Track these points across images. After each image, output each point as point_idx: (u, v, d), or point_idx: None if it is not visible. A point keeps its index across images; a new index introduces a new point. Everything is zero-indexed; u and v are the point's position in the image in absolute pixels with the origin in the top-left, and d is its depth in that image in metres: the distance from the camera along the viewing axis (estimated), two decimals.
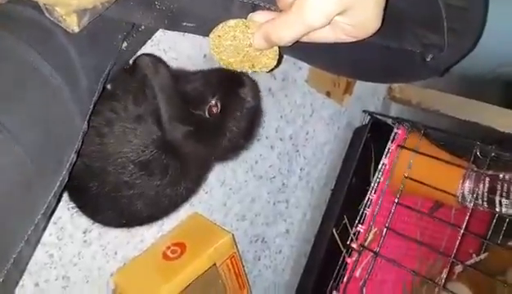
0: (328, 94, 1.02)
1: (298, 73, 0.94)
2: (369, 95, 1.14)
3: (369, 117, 1.11)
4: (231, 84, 0.60)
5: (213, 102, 0.59)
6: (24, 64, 0.45)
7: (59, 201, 0.52)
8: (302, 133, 1.00)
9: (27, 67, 0.45)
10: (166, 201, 0.65)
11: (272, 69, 0.56)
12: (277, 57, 0.54)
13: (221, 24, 0.52)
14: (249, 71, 0.57)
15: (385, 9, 0.48)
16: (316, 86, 0.99)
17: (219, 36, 0.53)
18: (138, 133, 0.58)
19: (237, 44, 0.53)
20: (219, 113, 0.60)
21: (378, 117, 1.11)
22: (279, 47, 0.53)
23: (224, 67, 0.57)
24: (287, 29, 0.47)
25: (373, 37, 0.50)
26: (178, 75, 0.63)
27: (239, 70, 0.57)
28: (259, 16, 0.51)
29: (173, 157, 0.61)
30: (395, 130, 1.07)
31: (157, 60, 0.61)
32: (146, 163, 0.59)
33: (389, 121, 1.11)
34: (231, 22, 0.52)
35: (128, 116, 0.59)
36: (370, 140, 1.09)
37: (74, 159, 0.50)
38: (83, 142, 0.52)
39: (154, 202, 0.64)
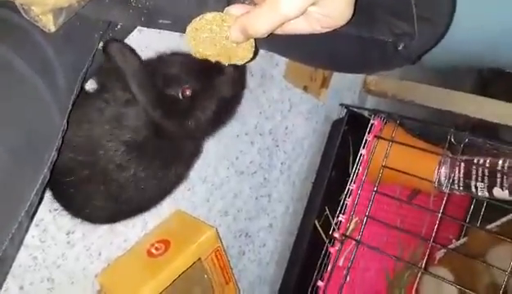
0: (305, 88, 1.04)
1: (275, 70, 0.96)
2: (345, 89, 1.16)
3: (346, 110, 1.13)
4: (210, 70, 0.61)
5: (187, 85, 0.61)
6: (4, 65, 0.45)
7: (41, 200, 0.53)
8: (281, 128, 1.02)
9: (3, 66, 0.45)
10: (158, 186, 0.67)
11: (249, 61, 0.58)
12: (253, 50, 0.55)
13: (198, 17, 0.53)
14: (226, 63, 0.58)
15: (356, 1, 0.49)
16: (293, 81, 1.00)
17: (196, 28, 0.54)
18: (130, 116, 0.60)
19: (214, 37, 0.54)
20: (191, 97, 0.61)
21: (354, 110, 1.13)
22: (255, 40, 0.54)
23: (201, 57, 0.57)
24: (262, 21, 0.48)
25: (345, 27, 0.51)
26: (159, 57, 0.65)
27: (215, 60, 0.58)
28: (235, 9, 0.52)
29: (163, 138, 0.63)
30: (371, 121, 1.09)
31: (124, 46, 0.61)
32: (138, 144, 0.61)
33: (366, 113, 1.14)
34: (208, 15, 0.52)
35: (118, 101, 0.61)
36: (347, 133, 1.11)
37: (55, 157, 0.50)
38: (63, 140, 0.52)
39: (145, 187, 0.65)
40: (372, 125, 1.09)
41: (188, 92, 0.62)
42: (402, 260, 1.16)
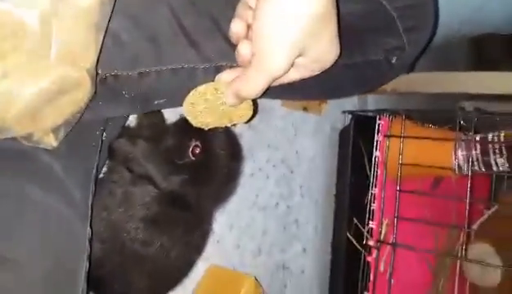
0: (305, 109, 1.04)
1: (272, 101, 0.96)
2: None
3: (350, 116, 1.12)
4: None
5: (192, 144, 0.63)
6: (17, 196, 0.46)
7: None
8: (291, 154, 1.02)
9: (20, 199, 0.46)
10: (188, 249, 0.69)
11: (251, 118, 0.58)
12: (252, 107, 0.55)
13: (191, 92, 0.53)
14: (229, 125, 0.58)
15: (339, 31, 0.49)
16: (291, 106, 1.00)
17: (192, 103, 0.54)
18: (138, 194, 0.62)
19: (211, 105, 0.54)
20: (202, 151, 0.63)
21: (358, 113, 1.13)
22: None
23: (205, 127, 0.58)
24: (253, 84, 0.48)
25: (338, 59, 0.51)
26: (152, 136, 0.66)
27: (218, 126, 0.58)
28: (226, 76, 0.52)
29: (179, 207, 0.64)
30: (378, 121, 1.08)
31: (131, 137, 0.63)
32: (155, 219, 0.63)
33: (370, 114, 1.13)
34: (200, 88, 0.53)
35: (125, 182, 0.63)
36: (357, 138, 1.10)
37: (88, 266, 0.51)
38: (91, 246, 0.52)
39: (178, 254, 0.66)
40: (379, 125, 1.08)
41: (198, 150, 0.63)
42: (441, 251, 1.15)
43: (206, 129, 0.57)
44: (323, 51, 0.48)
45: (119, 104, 0.53)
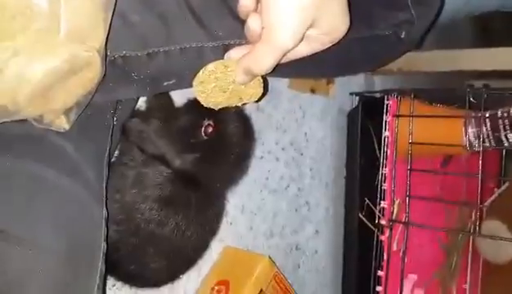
0: (313, 91, 1.04)
1: (279, 83, 0.96)
2: (351, 78, 1.16)
3: (357, 98, 1.12)
4: None
5: (206, 123, 0.63)
6: (26, 176, 0.46)
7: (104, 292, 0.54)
8: (300, 136, 1.02)
9: (29, 178, 0.46)
10: (202, 229, 0.69)
11: (262, 97, 0.58)
12: (262, 85, 0.55)
13: (201, 71, 0.53)
14: (240, 104, 0.58)
15: (349, 4, 0.49)
16: (299, 88, 1.00)
17: (202, 82, 0.54)
18: (151, 175, 0.63)
19: (221, 84, 0.54)
20: (215, 130, 0.64)
21: (366, 95, 1.13)
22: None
23: (214, 107, 0.58)
24: (263, 59, 0.48)
25: (346, 34, 0.51)
26: (166, 116, 0.67)
27: (228, 106, 0.58)
28: (235, 53, 0.52)
29: (192, 186, 0.64)
30: (386, 102, 1.08)
31: (143, 117, 0.64)
32: (168, 198, 0.63)
33: (378, 95, 1.13)
34: (210, 66, 0.53)
35: (137, 163, 0.63)
36: (365, 119, 1.10)
37: (105, 247, 0.51)
38: (107, 226, 0.53)
39: (192, 234, 0.67)
40: (388, 105, 1.08)
41: (210, 129, 0.64)
42: (453, 228, 1.15)
43: (216, 109, 0.58)
44: (334, 22, 0.48)
45: (128, 85, 0.53)
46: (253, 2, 0.49)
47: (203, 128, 0.63)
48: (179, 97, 0.72)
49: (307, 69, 0.67)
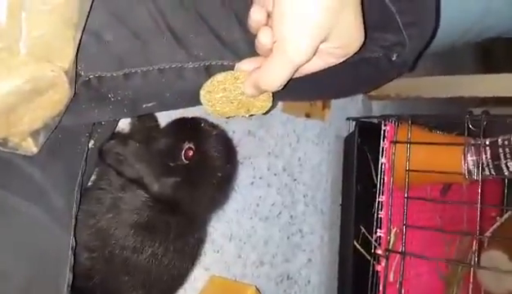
0: (307, 115, 1.01)
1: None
2: (348, 102, 1.13)
3: (354, 123, 1.09)
4: (191, 125, 0.63)
5: (185, 146, 0.61)
6: None
7: None
8: (294, 161, 0.99)
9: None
10: (181, 256, 0.66)
11: (269, 110, 0.56)
12: (271, 98, 0.53)
13: (209, 80, 0.51)
14: (246, 115, 0.56)
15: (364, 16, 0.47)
16: (293, 112, 0.98)
17: (210, 91, 0.52)
18: (128, 199, 0.61)
19: (229, 95, 0.52)
20: (195, 154, 0.62)
21: (363, 120, 1.10)
22: None
23: (220, 117, 0.56)
24: (275, 74, 0.46)
25: None
26: (145, 139, 0.65)
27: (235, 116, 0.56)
28: (246, 65, 0.50)
29: (171, 212, 0.62)
30: (383, 127, 1.05)
31: (121, 138, 0.62)
32: (145, 224, 0.61)
33: (375, 120, 1.10)
34: (219, 76, 0.51)
35: (114, 188, 0.61)
36: (362, 145, 1.08)
37: (71, 278, 0.48)
38: (74, 255, 0.50)
39: (171, 262, 0.64)
40: (385, 131, 1.05)
41: (191, 153, 0.62)
42: (452, 259, 1.11)
43: (225, 118, 0.56)
44: (348, 35, 0.46)
45: (104, 107, 0.51)
46: (264, 16, 0.47)
47: (183, 151, 0.61)
48: (163, 117, 0.70)
49: (293, 91, 0.65)
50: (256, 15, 0.47)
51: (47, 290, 0.46)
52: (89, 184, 0.63)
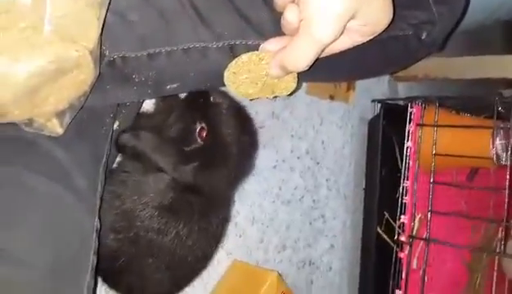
0: (331, 97, 0.99)
1: None
2: (373, 84, 1.10)
3: (379, 105, 1.07)
4: (199, 102, 0.62)
5: (198, 127, 0.61)
6: (14, 184, 0.43)
7: None
8: (317, 144, 0.97)
9: (17, 187, 0.43)
10: (205, 237, 0.66)
11: (294, 91, 0.54)
12: (296, 79, 0.52)
13: (234, 61, 0.49)
14: (271, 97, 0.54)
15: None
16: (317, 94, 0.96)
17: (234, 72, 0.50)
18: (151, 182, 0.61)
19: (253, 76, 0.51)
20: (209, 133, 0.61)
21: (388, 102, 1.08)
22: None
23: (244, 98, 0.55)
24: (301, 54, 0.44)
25: None
26: (157, 126, 0.64)
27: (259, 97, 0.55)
28: (271, 45, 0.48)
29: (194, 193, 0.62)
30: (409, 110, 1.03)
31: (135, 131, 0.61)
32: (169, 206, 0.61)
33: (401, 102, 1.08)
34: (244, 57, 0.49)
35: (137, 171, 0.61)
36: (387, 128, 1.05)
37: (95, 261, 0.48)
38: (99, 240, 0.50)
39: (195, 243, 0.64)
40: (411, 114, 1.03)
41: (204, 133, 0.61)
42: (477, 247, 1.08)
43: (249, 99, 0.54)
44: (377, 12, 0.45)
45: (128, 88, 0.50)
46: None
47: (197, 132, 0.60)
48: None
49: (320, 72, 0.63)
50: None
51: (72, 273, 0.45)
52: (114, 165, 0.63)
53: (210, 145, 0.60)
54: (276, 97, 0.54)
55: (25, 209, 0.43)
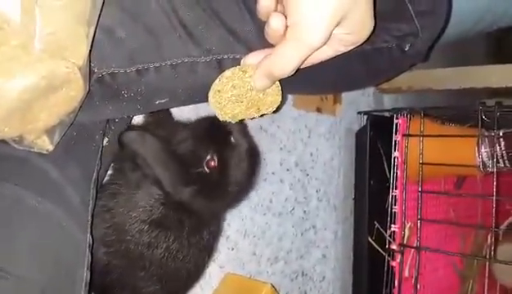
0: (319, 110, 1.01)
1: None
2: (359, 96, 1.12)
3: (366, 117, 1.09)
4: (219, 133, 0.61)
5: (209, 157, 0.60)
6: (7, 201, 0.44)
7: None
8: (306, 157, 0.98)
9: (11, 204, 0.44)
10: (197, 250, 0.66)
11: (279, 107, 0.55)
12: (280, 92, 0.52)
13: (218, 79, 0.50)
14: (257, 116, 0.55)
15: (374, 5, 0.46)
16: (304, 107, 0.97)
17: (219, 91, 0.51)
18: (142, 196, 0.60)
19: (238, 92, 0.51)
20: (217, 167, 0.60)
21: (374, 114, 1.09)
22: (280, 82, 0.51)
23: (230, 120, 0.54)
24: (288, 58, 0.45)
25: None
26: (167, 137, 0.64)
27: (245, 118, 0.55)
28: (253, 58, 0.49)
29: (185, 211, 0.61)
30: (395, 121, 1.05)
31: (142, 132, 0.61)
32: (159, 221, 0.61)
33: (387, 114, 1.09)
34: (227, 73, 0.50)
35: (129, 184, 0.61)
36: (374, 139, 1.07)
37: (89, 276, 0.48)
38: (92, 254, 0.50)
39: (186, 256, 0.64)
40: (397, 124, 1.04)
41: (213, 163, 0.61)
42: (468, 253, 1.09)
43: (233, 122, 0.54)
44: (360, 22, 0.46)
45: (118, 104, 0.51)
46: (273, 2, 0.46)
47: (205, 160, 0.60)
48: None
49: (305, 83, 0.64)
50: (265, 1, 0.46)
51: (66, 290, 0.46)
52: (106, 179, 0.63)
53: (215, 178, 0.61)
54: (262, 116, 0.55)
55: (18, 226, 0.44)
